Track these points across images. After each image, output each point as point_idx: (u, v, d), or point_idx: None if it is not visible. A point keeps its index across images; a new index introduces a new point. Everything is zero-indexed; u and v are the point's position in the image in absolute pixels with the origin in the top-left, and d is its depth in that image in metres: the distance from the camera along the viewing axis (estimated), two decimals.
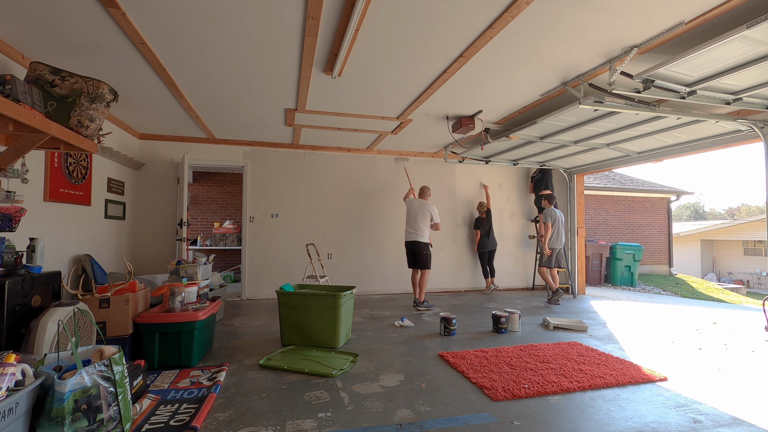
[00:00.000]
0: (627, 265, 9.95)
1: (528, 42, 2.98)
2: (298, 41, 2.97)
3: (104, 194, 4.77)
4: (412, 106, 4.44)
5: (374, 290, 6.67)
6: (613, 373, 2.94)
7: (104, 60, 3.30)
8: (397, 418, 2.26)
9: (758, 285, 16.67)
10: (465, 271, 7.15)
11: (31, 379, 1.80)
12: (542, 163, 6.87)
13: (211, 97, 4.24)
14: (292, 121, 5.04)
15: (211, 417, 2.25)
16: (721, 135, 4.67)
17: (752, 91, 3.35)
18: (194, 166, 6.90)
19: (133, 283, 3.18)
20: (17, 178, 3.12)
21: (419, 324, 4.54)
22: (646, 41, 2.90)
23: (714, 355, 3.51)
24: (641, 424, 2.21)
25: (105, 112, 2.93)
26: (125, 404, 2.00)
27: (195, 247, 7.94)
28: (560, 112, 4.00)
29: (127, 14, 2.60)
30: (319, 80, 3.72)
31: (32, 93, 2.43)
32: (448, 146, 6.45)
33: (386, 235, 6.81)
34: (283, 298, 3.66)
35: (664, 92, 3.38)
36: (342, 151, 6.67)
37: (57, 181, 3.74)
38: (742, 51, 2.71)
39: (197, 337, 3.09)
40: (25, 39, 2.97)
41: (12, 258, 2.56)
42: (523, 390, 2.61)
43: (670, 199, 12.41)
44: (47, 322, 2.35)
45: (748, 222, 17.95)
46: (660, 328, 4.51)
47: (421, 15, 2.62)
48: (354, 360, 3.23)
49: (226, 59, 3.31)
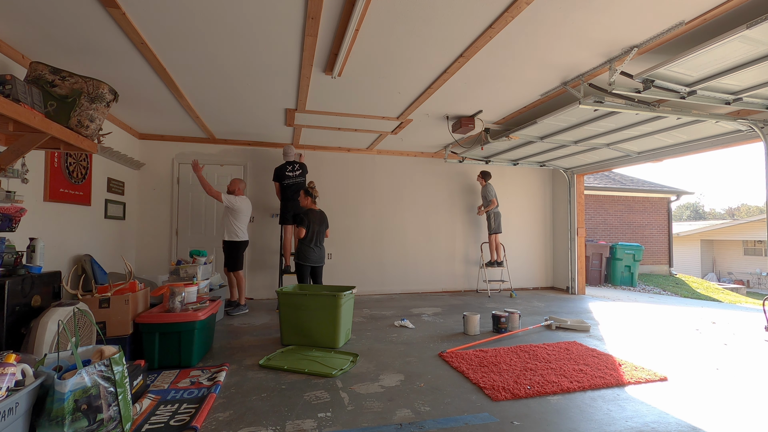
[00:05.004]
0: (627, 265, 9.95)
1: (528, 42, 2.98)
2: (298, 41, 2.97)
3: (104, 194, 4.76)
4: (412, 106, 4.44)
5: (374, 290, 6.67)
6: (613, 373, 2.94)
7: (104, 60, 3.30)
8: (397, 418, 2.26)
9: (758, 285, 16.67)
10: (464, 271, 7.15)
11: (31, 379, 1.80)
12: (542, 162, 6.88)
13: (211, 97, 4.24)
14: (292, 121, 5.04)
15: (211, 417, 2.25)
16: (721, 135, 4.67)
17: (752, 91, 3.35)
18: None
19: (133, 283, 3.18)
20: (17, 178, 3.12)
21: (419, 324, 4.54)
22: (646, 41, 2.90)
23: (714, 355, 3.50)
24: (641, 424, 2.21)
25: (105, 112, 2.93)
26: (125, 404, 2.00)
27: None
28: (560, 112, 4.00)
29: (127, 14, 2.60)
30: (319, 80, 3.72)
31: (32, 93, 2.43)
32: (448, 146, 6.45)
33: (386, 235, 6.81)
34: (283, 298, 3.66)
35: (664, 92, 3.38)
36: (342, 151, 6.67)
37: (57, 181, 3.74)
38: (742, 51, 2.71)
39: (197, 337, 3.09)
40: (25, 39, 2.97)
41: (12, 258, 2.56)
42: (524, 390, 2.61)
43: (670, 199, 12.42)
44: (47, 322, 2.35)
45: (748, 222, 17.96)
46: (660, 329, 4.51)
47: (421, 15, 2.62)
48: (354, 360, 3.23)
49: (227, 59, 3.30)
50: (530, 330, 4.28)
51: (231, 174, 6.18)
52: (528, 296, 6.64)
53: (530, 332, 4.20)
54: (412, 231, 6.94)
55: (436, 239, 7.04)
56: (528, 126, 4.61)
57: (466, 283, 7.15)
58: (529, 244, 7.54)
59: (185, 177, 6.02)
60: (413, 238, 6.94)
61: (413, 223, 6.94)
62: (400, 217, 6.89)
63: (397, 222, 6.86)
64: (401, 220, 6.90)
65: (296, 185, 5.40)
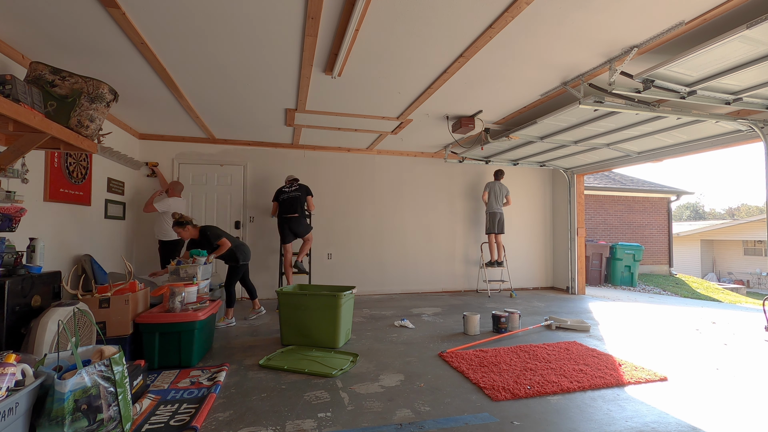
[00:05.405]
0: (627, 265, 9.95)
1: (528, 42, 2.98)
2: (298, 41, 2.97)
3: (104, 194, 4.77)
4: (412, 106, 4.44)
5: (374, 290, 6.67)
6: (613, 373, 2.94)
7: (104, 60, 3.30)
8: (397, 418, 2.26)
9: (758, 285, 16.67)
10: (464, 271, 7.15)
11: (31, 379, 1.80)
12: (542, 162, 6.88)
13: (211, 97, 4.24)
14: (292, 121, 5.04)
15: (211, 417, 2.25)
16: (721, 135, 4.67)
17: (752, 91, 3.35)
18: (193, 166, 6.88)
19: (133, 283, 3.18)
20: (17, 178, 3.12)
21: (419, 324, 4.54)
22: (646, 41, 2.90)
23: (714, 355, 3.50)
24: (641, 424, 2.21)
25: (105, 112, 2.93)
26: (125, 404, 2.00)
27: None
28: (560, 112, 4.00)
29: (127, 14, 2.60)
30: (319, 80, 3.72)
31: (32, 93, 2.43)
32: (448, 146, 6.45)
33: (386, 235, 6.81)
34: (283, 298, 3.66)
35: (664, 92, 3.38)
36: (342, 151, 6.67)
37: (57, 181, 3.74)
38: (742, 51, 2.72)
39: (197, 337, 3.09)
40: (25, 39, 2.97)
41: (12, 258, 2.56)
42: (524, 390, 2.61)
43: (670, 199, 12.41)
44: (47, 322, 2.35)
45: (748, 222, 17.95)
46: (660, 329, 4.51)
47: (421, 15, 2.62)
48: (354, 360, 3.23)
49: (227, 59, 3.30)
50: (530, 330, 4.28)
51: (231, 174, 6.19)
52: (528, 296, 6.64)
53: (530, 332, 4.20)
54: (412, 231, 6.94)
55: (436, 239, 7.04)
56: (528, 126, 4.61)
57: (466, 283, 7.15)
58: (529, 244, 7.54)
59: (185, 177, 6.02)
60: (413, 238, 6.94)
61: (413, 223, 6.94)
62: (400, 217, 6.89)
63: (397, 222, 6.86)
64: (401, 220, 6.90)
65: (289, 199, 5.41)
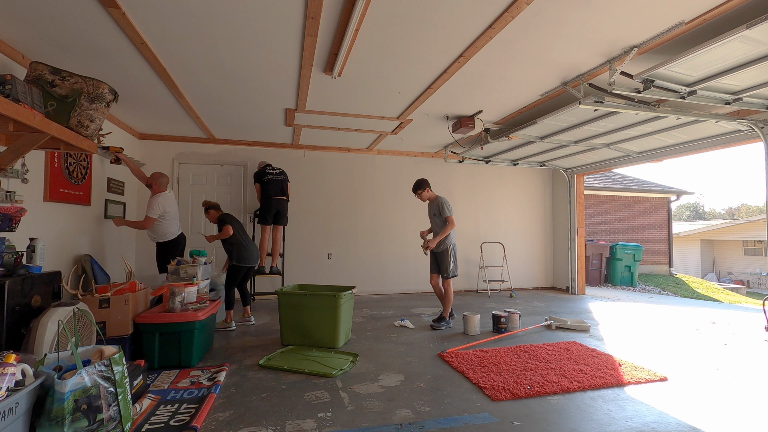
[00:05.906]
0: (627, 265, 9.95)
1: (528, 42, 2.98)
2: (298, 41, 2.97)
3: (104, 194, 4.76)
4: (412, 106, 4.44)
5: (374, 290, 6.67)
6: (613, 373, 2.94)
7: (104, 60, 3.30)
8: (397, 418, 2.26)
9: (758, 285, 16.67)
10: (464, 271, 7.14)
11: (31, 379, 1.80)
12: (542, 162, 6.87)
13: (211, 97, 4.24)
14: (292, 121, 5.04)
15: (211, 417, 2.25)
16: (721, 135, 4.67)
17: (752, 91, 3.35)
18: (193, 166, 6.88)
19: (133, 283, 3.18)
20: (17, 178, 3.11)
21: (419, 324, 4.54)
22: (646, 41, 2.90)
23: (714, 355, 3.50)
24: (641, 424, 2.21)
25: (105, 112, 2.93)
26: (125, 404, 2.00)
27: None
28: (560, 112, 4.00)
29: (127, 14, 2.60)
30: (319, 80, 3.72)
31: (32, 93, 2.43)
32: (448, 146, 6.45)
33: (386, 235, 6.81)
34: (283, 298, 3.66)
35: (664, 92, 3.37)
36: (342, 151, 6.67)
37: (57, 181, 3.74)
38: (742, 51, 2.71)
39: (197, 337, 3.09)
40: (25, 39, 2.97)
41: (12, 258, 2.56)
42: (524, 390, 2.61)
43: (670, 199, 12.42)
44: (47, 322, 2.35)
45: (748, 222, 17.96)
46: (660, 329, 4.51)
47: (421, 15, 2.62)
48: (354, 360, 3.23)
49: (226, 59, 3.30)
50: (530, 330, 4.28)
51: (231, 174, 6.18)
52: (528, 296, 6.64)
53: (530, 332, 4.20)
54: (412, 231, 6.92)
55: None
56: (528, 126, 4.61)
57: (466, 283, 7.15)
58: (529, 244, 7.53)
59: (185, 177, 6.02)
60: (413, 238, 6.91)
61: (413, 223, 6.92)
62: (399, 217, 6.89)
63: (396, 222, 6.86)
64: (401, 220, 6.89)
65: (277, 181, 5.39)
